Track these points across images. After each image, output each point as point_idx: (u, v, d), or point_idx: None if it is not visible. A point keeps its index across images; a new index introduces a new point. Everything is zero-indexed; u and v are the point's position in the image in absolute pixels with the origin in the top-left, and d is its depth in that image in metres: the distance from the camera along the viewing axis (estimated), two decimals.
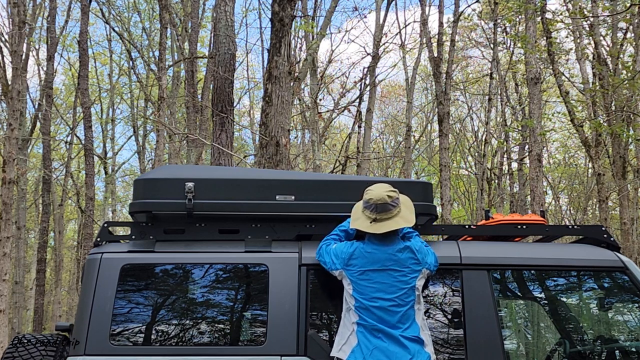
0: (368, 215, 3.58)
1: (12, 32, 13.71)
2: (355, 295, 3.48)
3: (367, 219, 3.58)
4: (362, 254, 3.53)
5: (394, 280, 3.49)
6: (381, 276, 3.49)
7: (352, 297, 3.48)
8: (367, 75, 16.79)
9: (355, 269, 3.51)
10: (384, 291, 3.46)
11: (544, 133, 13.52)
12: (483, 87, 23.47)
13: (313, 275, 3.73)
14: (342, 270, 3.53)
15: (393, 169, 26.62)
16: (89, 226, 16.19)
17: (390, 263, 3.52)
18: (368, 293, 3.46)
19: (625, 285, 3.86)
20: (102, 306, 3.60)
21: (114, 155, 27.65)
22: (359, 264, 3.52)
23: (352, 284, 3.50)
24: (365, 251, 3.54)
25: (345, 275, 3.53)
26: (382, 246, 3.56)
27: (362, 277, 3.49)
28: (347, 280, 3.52)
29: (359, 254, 3.53)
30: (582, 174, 24.48)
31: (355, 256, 3.53)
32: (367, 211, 3.59)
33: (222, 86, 9.38)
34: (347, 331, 3.46)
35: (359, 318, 3.45)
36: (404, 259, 3.54)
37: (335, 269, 3.56)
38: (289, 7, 7.60)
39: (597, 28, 14.32)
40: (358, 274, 3.50)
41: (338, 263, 3.55)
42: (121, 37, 22.28)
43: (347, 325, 3.48)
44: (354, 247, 3.57)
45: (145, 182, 3.86)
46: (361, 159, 16.49)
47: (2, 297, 12.14)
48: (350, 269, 3.52)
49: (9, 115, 13.95)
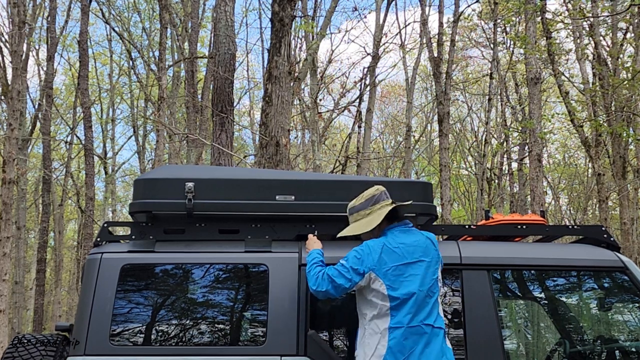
0: (383, 204, 3.52)
1: (12, 32, 13.71)
2: (391, 293, 3.32)
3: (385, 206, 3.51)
4: (391, 251, 3.40)
5: (424, 271, 3.42)
6: (413, 268, 3.39)
7: (387, 296, 3.32)
8: (367, 75, 16.79)
9: (388, 266, 3.36)
10: (418, 283, 3.36)
11: (543, 135, 13.51)
12: (483, 87, 23.48)
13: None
14: (371, 271, 3.34)
15: (393, 169, 26.62)
16: (89, 226, 16.19)
17: (418, 254, 3.44)
18: (404, 288, 3.33)
19: (625, 285, 3.86)
20: (102, 306, 3.60)
21: (114, 155, 27.69)
22: (391, 261, 3.37)
23: (385, 284, 3.34)
24: (393, 247, 3.42)
25: (377, 276, 3.34)
26: (406, 238, 3.48)
27: (396, 272, 3.36)
28: (379, 281, 3.34)
29: (387, 251, 3.40)
30: (582, 174, 24.48)
31: (385, 254, 3.39)
32: (378, 204, 3.52)
33: (222, 86, 9.38)
34: (375, 340, 3.30)
35: (391, 320, 3.30)
36: (428, 249, 3.49)
37: (361, 276, 3.33)
38: (289, 7, 7.60)
39: (597, 28, 14.32)
40: (392, 271, 3.35)
41: (365, 266, 3.33)
42: (121, 37, 22.29)
43: (374, 333, 3.31)
44: (381, 245, 3.41)
45: (145, 182, 3.86)
46: (361, 159, 16.49)
47: (2, 297, 12.14)
48: (382, 268, 3.35)
49: (9, 115, 13.95)
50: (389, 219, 3.56)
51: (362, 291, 3.42)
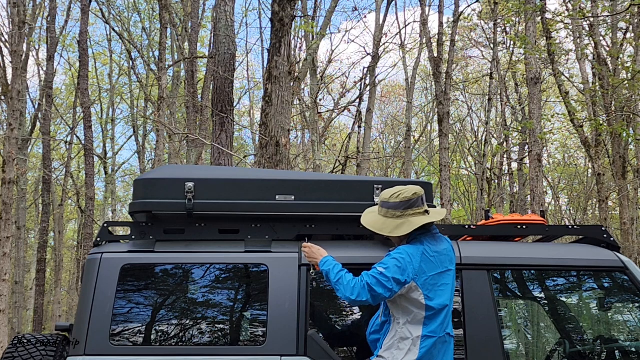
0: (416, 212, 3.42)
1: (12, 32, 13.72)
2: (428, 303, 3.28)
3: (419, 215, 3.41)
4: (429, 260, 3.35)
5: (452, 280, 3.42)
6: (444, 278, 3.37)
7: (424, 305, 3.28)
8: (367, 75, 16.79)
9: (426, 275, 3.31)
10: (449, 293, 3.37)
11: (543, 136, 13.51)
12: (483, 87, 23.48)
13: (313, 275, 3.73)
14: (412, 281, 3.27)
15: (393, 169, 26.62)
16: (89, 226, 16.19)
17: (447, 263, 3.42)
18: (439, 297, 3.31)
19: (625, 285, 3.86)
20: (102, 306, 3.61)
21: (114, 155, 27.69)
22: (428, 269, 3.32)
23: (423, 293, 3.29)
24: (430, 255, 3.36)
25: (417, 285, 3.28)
26: (438, 246, 3.44)
27: (432, 282, 3.32)
28: (419, 291, 3.28)
29: (426, 260, 3.34)
30: (582, 174, 24.48)
31: (425, 263, 3.33)
32: (411, 209, 3.42)
33: (222, 86, 9.38)
34: (406, 345, 3.27)
35: (424, 329, 3.28)
36: (453, 256, 3.49)
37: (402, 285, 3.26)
38: (289, 7, 7.60)
39: (597, 28, 14.32)
40: (429, 279, 3.31)
41: (407, 276, 3.26)
42: (121, 37, 22.28)
43: (406, 338, 3.28)
44: (420, 253, 3.34)
45: (145, 182, 3.86)
46: (361, 159, 16.49)
47: (2, 297, 12.14)
48: (421, 277, 3.29)
49: (9, 115, 13.95)
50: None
51: (398, 298, 3.35)
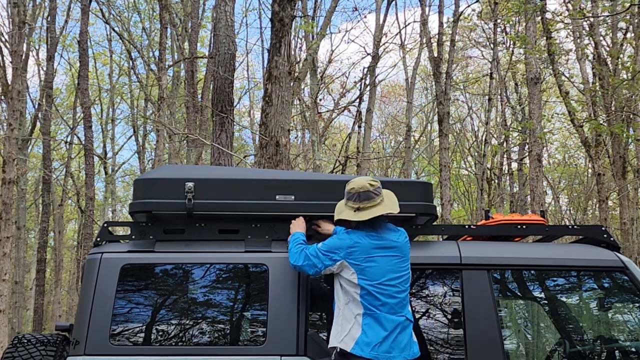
0: (351, 206, 3.58)
1: (12, 32, 13.72)
2: (361, 282, 3.44)
3: (351, 209, 3.58)
4: (363, 241, 3.51)
5: (396, 266, 3.50)
6: (385, 261, 3.49)
7: (358, 285, 3.44)
8: (367, 75, 16.79)
9: (359, 255, 3.47)
10: (389, 276, 3.46)
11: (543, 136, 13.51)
12: (483, 87, 23.47)
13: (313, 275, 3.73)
14: (343, 260, 3.47)
15: (393, 169, 26.61)
16: (89, 226, 16.18)
17: (392, 249, 3.53)
18: (375, 277, 3.44)
19: (625, 285, 3.86)
20: (102, 306, 3.61)
21: (114, 155, 27.68)
22: (363, 250, 3.48)
23: (356, 272, 3.45)
24: (366, 239, 3.52)
25: (347, 265, 3.47)
26: (380, 233, 3.56)
27: (368, 261, 3.46)
28: (350, 270, 3.46)
29: (360, 242, 3.50)
30: (582, 174, 24.48)
31: (358, 244, 3.49)
32: (350, 202, 3.60)
33: (222, 86, 9.38)
34: (348, 323, 3.42)
35: (364, 308, 3.41)
36: (402, 245, 3.57)
37: (334, 262, 3.48)
38: (289, 7, 7.60)
39: (597, 28, 14.32)
40: (363, 259, 3.46)
41: (338, 255, 3.47)
42: (121, 37, 22.28)
43: (348, 316, 3.43)
44: (355, 235, 3.53)
45: (145, 182, 3.86)
46: (361, 159, 16.48)
47: (2, 297, 12.14)
48: (353, 257, 3.47)
49: (9, 115, 13.95)
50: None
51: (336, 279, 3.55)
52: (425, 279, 3.95)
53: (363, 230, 3.56)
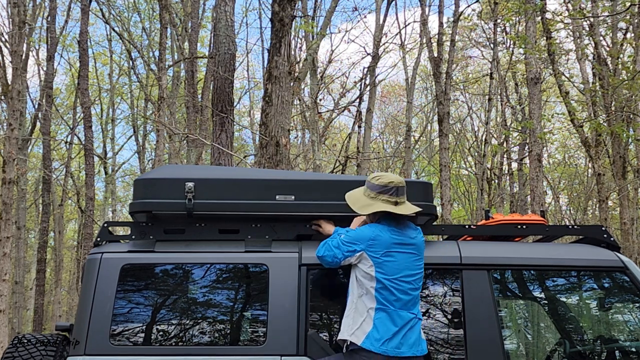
0: (387, 199, 3.56)
1: (12, 32, 13.72)
2: (378, 275, 3.43)
3: (388, 203, 3.56)
4: (385, 235, 3.50)
5: (413, 263, 3.51)
6: (403, 257, 3.49)
7: (374, 278, 3.43)
8: (367, 75, 16.79)
9: (379, 249, 3.47)
10: (405, 272, 3.47)
11: (543, 135, 13.51)
12: (483, 87, 23.47)
13: (313, 275, 3.73)
14: (363, 251, 3.46)
15: (393, 169, 26.61)
16: (89, 226, 16.19)
17: (409, 246, 3.53)
18: (392, 272, 3.44)
19: (625, 285, 3.86)
20: (102, 306, 3.61)
21: (114, 155, 27.68)
22: (383, 244, 3.48)
23: (374, 265, 3.45)
24: (389, 233, 3.52)
25: (366, 257, 3.46)
26: (401, 230, 3.57)
27: (387, 256, 3.46)
28: (369, 262, 3.45)
29: (381, 235, 3.50)
30: (582, 174, 24.48)
31: (379, 237, 3.49)
32: (384, 195, 3.57)
33: (222, 86, 9.38)
34: (360, 316, 3.41)
35: (377, 302, 3.41)
36: (419, 243, 3.59)
37: (353, 253, 3.47)
38: (289, 7, 7.60)
39: (597, 28, 14.32)
40: (382, 253, 3.46)
41: (358, 245, 3.46)
42: (121, 37, 22.28)
43: (361, 310, 3.43)
44: (377, 229, 3.53)
45: (145, 182, 3.86)
46: (361, 159, 16.49)
47: (2, 297, 12.14)
48: (373, 249, 3.46)
49: (9, 115, 13.95)
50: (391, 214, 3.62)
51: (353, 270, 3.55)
52: (425, 279, 3.95)
53: (385, 225, 3.56)
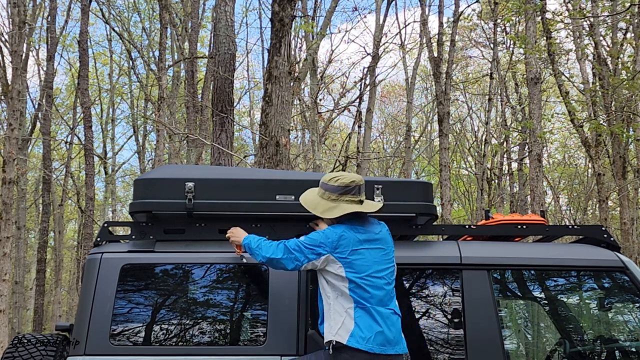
0: (351, 199, 3.53)
1: (12, 32, 13.72)
2: (349, 275, 3.40)
3: (353, 202, 3.53)
4: (349, 235, 3.46)
5: (382, 258, 3.48)
6: (371, 253, 3.46)
7: (346, 278, 3.39)
8: (367, 75, 16.78)
9: (346, 248, 3.43)
10: (376, 268, 3.44)
11: (543, 135, 13.51)
12: (483, 87, 23.48)
13: (313, 275, 3.73)
14: (329, 254, 3.41)
15: (393, 169, 26.62)
16: (89, 226, 16.18)
17: (376, 242, 3.50)
18: (363, 270, 3.41)
19: (625, 285, 3.86)
20: (102, 306, 3.60)
21: (114, 155, 27.67)
22: (349, 243, 3.44)
23: (344, 265, 3.41)
24: (352, 232, 3.48)
25: (334, 259, 3.42)
26: (365, 226, 3.54)
27: (355, 255, 3.42)
28: (337, 264, 3.41)
29: (346, 235, 3.46)
30: (582, 174, 24.48)
31: (344, 237, 3.45)
32: (347, 196, 3.53)
33: (222, 86, 9.38)
34: (340, 316, 3.38)
35: (354, 301, 3.38)
36: (385, 237, 3.56)
37: (318, 257, 3.41)
38: (289, 7, 7.60)
39: (597, 28, 14.32)
40: (349, 253, 3.42)
41: (323, 249, 3.41)
42: (121, 37, 22.28)
43: (339, 310, 3.39)
44: (340, 229, 3.47)
45: (145, 182, 3.86)
46: (361, 159, 16.49)
47: (2, 297, 12.15)
48: (339, 250, 3.42)
49: (9, 115, 13.95)
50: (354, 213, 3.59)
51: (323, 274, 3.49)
52: (425, 279, 3.96)
53: (348, 224, 3.52)
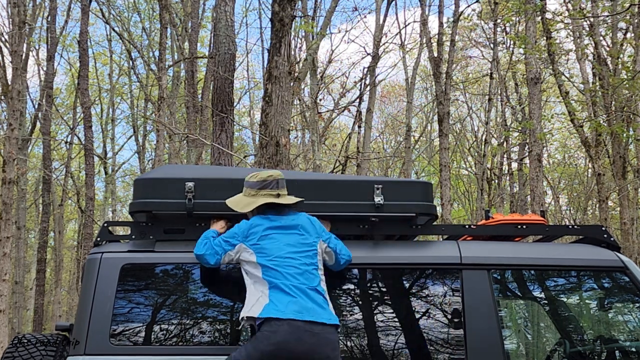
0: (269, 193, 3.61)
1: (12, 32, 13.73)
2: (260, 260, 3.44)
3: (270, 196, 3.61)
4: (261, 223, 3.54)
5: (296, 242, 3.51)
6: (284, 237, 3.50)
7: (258, 264, 3.44)
8: (367, 75, 16.79)
9: (257, 235, 3.49)
10: (289, 249, 3.47)
11: (543, 136, 13.52)
12: (483, 87, 23.48)
13: None
14: (241, 243, 3.49)
15: (393, 169, 26.63)
16: (89, 226, 16.19)
17: (291, 228, 3.55)
18: (274, 253, 3.45)
19: (625, 285, 3.86)
20: (102, 306, 3.60)
21: (114, 155, 27.68)
22: (259, 231, 3.51)
23: (255, 252, 3.46)
24: (264, 221, 3.55)
25: (246, 247, 3.48)
26: (281, 216, 3.60)
27: (265, 240, 3.48)
28: (249, 251, 3.47)
29: (258, 223, 3.54)
30: (582, 174, 24.48)
31: (255, 226, 3.53)
32: (265, 190, 3.61)
33: (222, 86, 9.39)
34: (255, 296, 3.42)
35: (268, 284, 3.41)
36: (303, 224, 3.59)
37: (232, 247, 3.50)
38: (289, 7, 7.60)
39: (597, 28, 14.32)
40: (259, 238, 3.48)
41: (236, 239, 3.50)
42: (121, 37, 22.29)
43: (255, 293, 3.43)
44: (253, 220, 3.57)
45: (145, 182, 3.85)
46: (361, 159, 16.49)
47: (2, 297, 12.15)
48: (250, 238, 3.49)
49: (9, 115, 13.96)
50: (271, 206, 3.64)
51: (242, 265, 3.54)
52: (425, 279, 3.95)
53: (263, 215, 3.60)
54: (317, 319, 3.30)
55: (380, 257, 3.77)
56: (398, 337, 3.78)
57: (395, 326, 3.80)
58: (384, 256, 3.77)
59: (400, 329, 3.80)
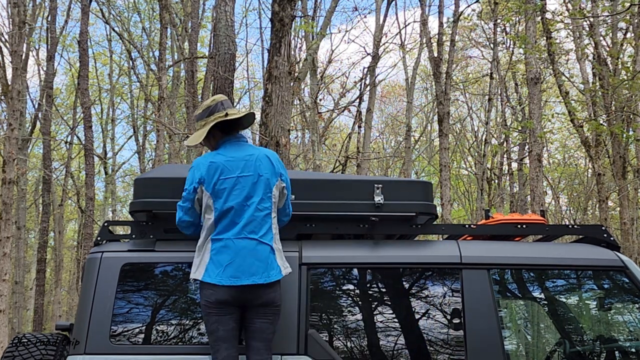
0: (217, 116, 3.63)
1: (12, 32, 13.73)
2: (215, 205, 3.46)
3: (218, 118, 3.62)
4: (219, 165, 3.52)
5: (252, 186, 3.51)
6: (240, 181, 3.50)
7: (212, 208, 3.47)
8: (367, 75, 16.79)
9: (214, 178, 3.49)
10: (243, 195, 3.48)
11: (543, 135, 13.52)
12: (483, 87, 23.48)
13: (313, 275, 3.73)
14: (200, 184, 3.49)
15: (393, 169, 26.63)
16: (89, 226, 16.18)
17: (247, 169, 3.53)
18: (227, 198, 3.46)
19: (625, 285, 3.86)
20: (102, 306, 3.60)
21: (114, 155, 27.66)
22: (217, 174, 3.50)
23: (212, 196, 3.47)
24: (221, 161, 3.53)
25: (204, 190, 3.49)
26: (238, 152, 3.58)
27: (222, 185, 3.48)
28: (207, 194, 3.48)
29: (214, 161, 3.53)
30: (582, 174, 24.48)
31: (212, 164, 3.52)
32: (213, 115, 3.64)
33: (222, 86, 9.38)
34: (200, 251, 3.48)
35: (214, 232, 3.45)
36: (260, 164, 3.57)
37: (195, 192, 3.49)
38: (289, 7, 7.60)
39: (597, 28, 14.32)
40: (217, 183, 3.48)
41: (195, 182, 3.49)
42: (121, 37, 22.28)
43: (202, 243, 3.48)
44: (209, 156, 3.55)
45: (146, 182, 3.86)
46: (361, 159, 16.49)
47: (2, 297, 12.15)
48: (207, 181, 3.49)
49: (9, 115, 13.95)
50: (225, 131, 3.67)
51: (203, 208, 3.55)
52: (425, 279, 3.95)
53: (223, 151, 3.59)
54: (254, 281, 3.38)
55: (380, 257, 3.77)
56: (398, 337, 3.78)
57: (395, 326, 3.80)
58: (384, 256, 3.78)
59: (400, 328, 3.80)
